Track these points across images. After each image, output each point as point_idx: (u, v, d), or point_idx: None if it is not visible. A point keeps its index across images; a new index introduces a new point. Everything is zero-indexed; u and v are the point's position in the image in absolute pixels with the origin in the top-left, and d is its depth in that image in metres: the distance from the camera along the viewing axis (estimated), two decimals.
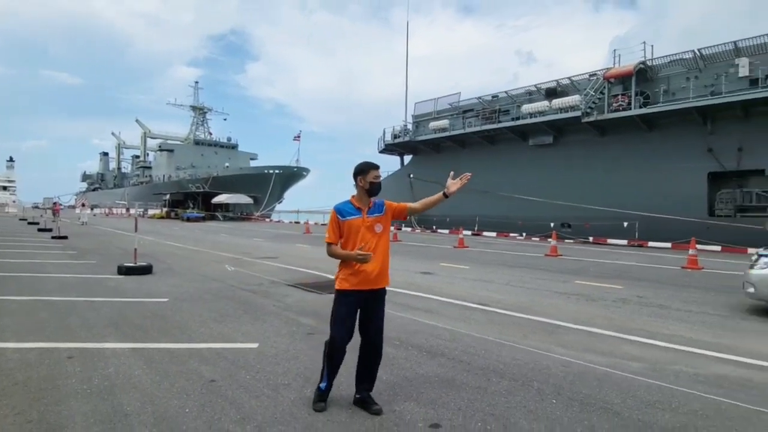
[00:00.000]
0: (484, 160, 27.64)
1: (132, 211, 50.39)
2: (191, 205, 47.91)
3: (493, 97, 27.85)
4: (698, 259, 12.00)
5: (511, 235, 24.63)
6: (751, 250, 17.43)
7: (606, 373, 3.92)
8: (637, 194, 21.21)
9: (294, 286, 8.05)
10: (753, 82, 18.69)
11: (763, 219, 18.34)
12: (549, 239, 15.87)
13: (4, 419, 2.85)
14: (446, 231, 26.71)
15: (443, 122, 28.81)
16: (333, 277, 9.88)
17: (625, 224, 21.07)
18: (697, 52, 20.11)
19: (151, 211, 53.41)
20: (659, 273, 10.95)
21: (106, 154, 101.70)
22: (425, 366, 4.06)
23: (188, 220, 40.52)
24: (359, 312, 3.14)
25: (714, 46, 20.00)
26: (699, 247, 17.97)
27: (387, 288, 3.25)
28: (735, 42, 19.41)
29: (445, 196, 3.23)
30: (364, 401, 3.11)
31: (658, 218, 20.15)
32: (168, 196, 52.37)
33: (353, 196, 3.18)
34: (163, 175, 64.93)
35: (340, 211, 3.13)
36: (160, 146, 71.17)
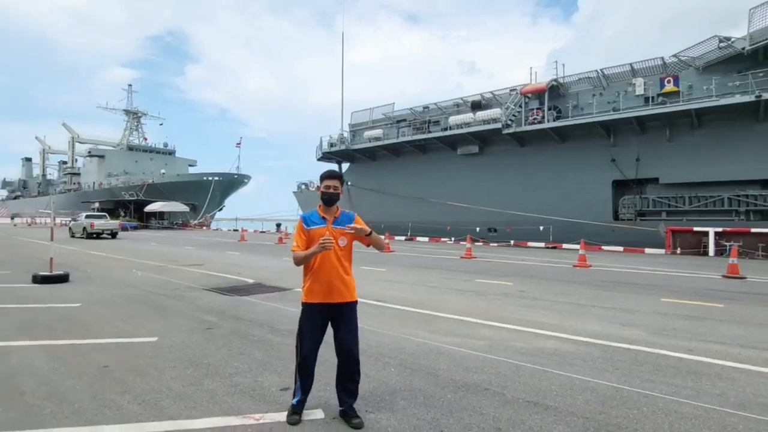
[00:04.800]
0: (416, 168, 29.05)
1: (59, 220, 47.56)
2: (123, 214, 46.08)
3: (424, 108, 29.33)
4: (587, 258, 13.46)
5: (442, 239, 25.99)
6: (648, 251, 19.69)
7: (450, 349, 4.83)
8: (553, 200, 23.23)
9: (209, 290, 8.54)
10: (647, 100, 21.16)
11: (657, 222, 20.78)
12: (467, 243, 17.10)
13: None
14: (381, 237, 27.71)
15: (378, 131, 29.93)
16: (252, 281, 10.34)
17: (542, 228, 23.02)
18: (601, 72, 22.41)
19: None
20: (551, 271, 12.32)
21: (29, 159, 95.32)
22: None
23: None
24: (331, 327, 3.20)
25: (614, 66, 22.40)
26: (605, 248, 20.10)
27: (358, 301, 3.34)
28: (631, 64, 21.85)
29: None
30: (345, 413, 3.13)
31: (570, 222, 22.25)
32: (97, 204, 49.95)
33: (319, 206, 3.25)
34: (93, 183, 61.86)
35: (306, 219, 3.22)
36: (89, 152, 67.73)
